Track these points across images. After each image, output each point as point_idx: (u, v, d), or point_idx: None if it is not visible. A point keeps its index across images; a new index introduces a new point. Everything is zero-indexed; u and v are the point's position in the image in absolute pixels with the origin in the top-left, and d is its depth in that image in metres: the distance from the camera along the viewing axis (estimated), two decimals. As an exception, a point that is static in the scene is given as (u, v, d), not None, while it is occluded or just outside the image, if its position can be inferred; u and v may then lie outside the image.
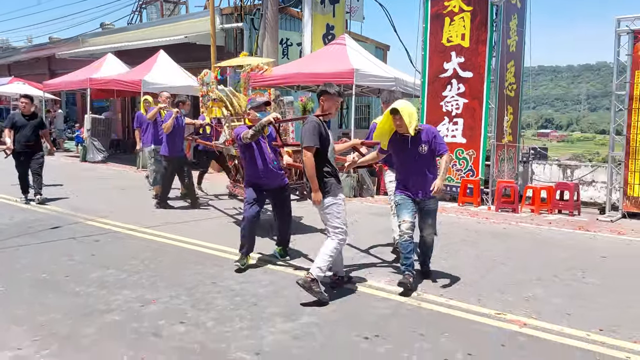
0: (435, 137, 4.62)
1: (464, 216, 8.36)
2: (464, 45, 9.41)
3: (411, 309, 4.24)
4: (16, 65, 24.12)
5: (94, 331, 3.73)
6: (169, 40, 14.57)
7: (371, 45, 17.21)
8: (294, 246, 5.91)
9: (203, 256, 5.66)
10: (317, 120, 4.45)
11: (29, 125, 8.23)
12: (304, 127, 4.47)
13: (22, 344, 3.49)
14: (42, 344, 3.49)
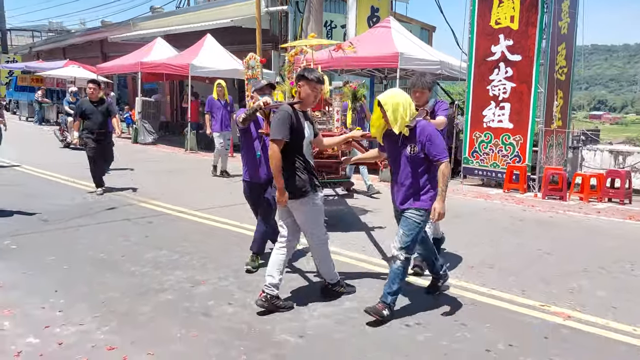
0: (430, 139, 3.71)
1: (509, 203, 8.26)
2: (512, 27, 9.17)
3: (453, 298, 4.29)
4: (70, 48, 25.04)
5: (149, 309, 3.97)
6: (215, 24, 14.80)
7: (416, 27, 16.95)
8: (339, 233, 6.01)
9: (249, 239, 5.85)
10: (288, 109, 3.94)
11: (98, 111, 7.93)
12: (273, 117, 4.05)
13: (84, 319, 3.76)
14: (102, 320, 3.75)
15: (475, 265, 5.09)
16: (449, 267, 5.01)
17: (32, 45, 30.99)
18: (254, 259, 4.93)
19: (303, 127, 3.98)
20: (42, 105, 21.55)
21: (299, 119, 3.98)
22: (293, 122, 3.91)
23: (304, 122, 4.01)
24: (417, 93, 4.60)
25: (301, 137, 3.96)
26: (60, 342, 3.43)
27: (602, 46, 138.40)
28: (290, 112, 3.93)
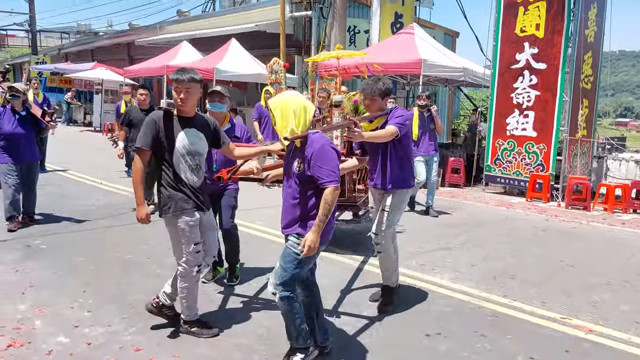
0: (318, 157, 3.00)
1: (531, 212, 8.20)
2: (538, 35, 9.11)
3: (473, 308, 4.31)
4: (98, 50, 25.53)
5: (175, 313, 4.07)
6: (240, 29, 14.96)
7: (440, 32, 16.90)
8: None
9: (271, 244, 5.93)
10: (155, 115, 3.52)
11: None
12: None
13: (112, 320, 3.88)
14: (129, 321, 3.86)
15: (497, 276, 5.09)
16: (473, 275, 5.03)
17: (61, 47, 31.66)
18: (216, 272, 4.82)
19: (174, 135, 3.47)
20: (71, 106, 22.04)
21: (170, 126, 3.48)
22: (159, 130, 3.46)
23: (179, 130, 3.49)
24: (366, 100, 4.18)
25: (170, 147, 3.47)
26: (89, 342, 3.55)
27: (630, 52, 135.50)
28: (155, 118, 3.49)
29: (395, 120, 4.00)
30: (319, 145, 3.03)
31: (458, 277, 5.01)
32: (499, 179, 9.80)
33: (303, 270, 3.20)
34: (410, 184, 4.23)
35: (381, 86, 4.07)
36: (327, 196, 2.98)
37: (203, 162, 3.64)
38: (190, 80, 3.44)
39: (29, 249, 5.47)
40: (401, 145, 4.10)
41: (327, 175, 2.99)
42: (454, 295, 4.56)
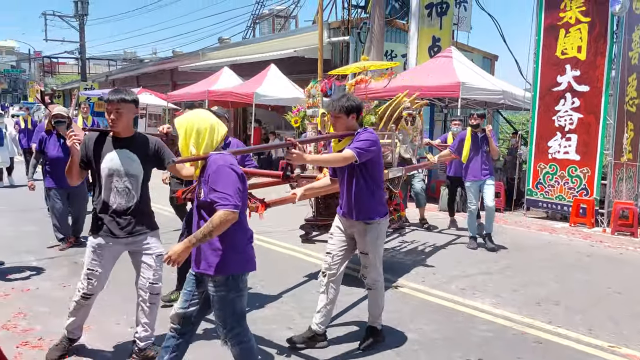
0: (214, 179, 2.74)
1: (575, 238, 7.97)
2: (580, 57, 8.98)
3: (516, 334, 4.21)
4: (143, 76, 26.49)
5: (214, 329, 4.13)
6: (279, 54, 15.30)
7: (478, 56, 16.83)
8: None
9: (307, 264, 5.96)
10: (89, 135, 3.55)
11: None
12: None
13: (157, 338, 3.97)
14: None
15: (541, 301, 4.96)
16: (515, 301, 4.92)
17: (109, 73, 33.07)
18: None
19: (102, 155, 3.43)
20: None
21: (101, 146, 3.45)
22: (87, 149, 3.46)
23: (109, 150, 3.43)
24: (332, 119, 3.81)
25: (97, 167, 3.45)
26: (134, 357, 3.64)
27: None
28: (86, 138, 3.51)
29: (355, 144, 3.56)
30: (215, 167, 2.77)
31: (500, 302, 4.91)
32: (541, 203, 9.59)
33: (238, 305, 2.91)
34: (382, 212, 3.76)
35: (344, 102, 3.67)
36: (215, 217, 2.69)
37: (136, 185, 3.48)
38: (121, 100, 3.40)
39: (76, 265, 5.66)
40: (368, 171, 3.66)
41: (220, 198, 2.70)
42: (496, 321, 4.46)
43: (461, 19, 15.33)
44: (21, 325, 4.09)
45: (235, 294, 2.88)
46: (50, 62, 44.37)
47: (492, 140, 6.77)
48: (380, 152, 3.76)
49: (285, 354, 3.78)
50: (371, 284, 3.84)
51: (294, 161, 3.34)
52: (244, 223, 2.94)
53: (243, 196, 2.85)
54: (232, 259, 2.85)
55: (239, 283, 2.89)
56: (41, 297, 4.29)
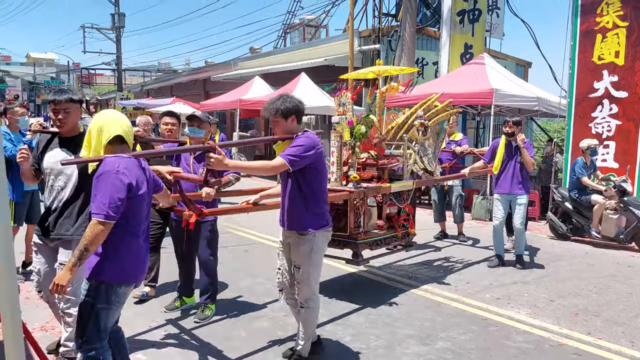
0: (96, 185, 2.69)
1: (613, 248, 7.71)
2: (617, 63, 8.74)
3: (554, 345, 4.09)
4: (177, 86, 27.04)
5: (245, 335, 4.16)
6: (309, 63, 15.41)
7: (511, 63, 16.58)
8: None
9: (338, 271, 5.94)
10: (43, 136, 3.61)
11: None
12: None
13: (187, 343, 4.01)
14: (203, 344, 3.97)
15: (580, 312, 4.81)
16: (552, 311, 4.79)
17: (143, 84, 33.88)
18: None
19: (45, 153, 3.44)
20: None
21: (47, 144, 3.48)
22: (38, 149, 3.52)
23: (52, 149, 3.45)
24: (270, 122, 3.58)
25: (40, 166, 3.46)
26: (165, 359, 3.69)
27: None
28: (40, 138, 3.60)
29: (287, 151, 3.35)
30: (101, 172, 2.69)
31: (536, 313, 4.78)
32: (578, 212, 9.32)
33: (105, 320, 2.74)
34: (318, 224, 3.49)
35: (279, 105, 3.44)
36: (87, 229, 2.59)
37: (66, 184, 3.36)
38: (68, 100, 3.36)
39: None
40: (304, 179, 3.43)
41: (95, 207, 2.61)
42: (533, 331, 4.35)
43: (494, 26, 15.16)
44: (58, 327, 4.18)
45: (102, 305, 2.71)
46: (88, 73, 45.74)
47: (525, 151, 6.19)
48: (320, 158, 3.47)
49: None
50: (302, 302, 3.55)
51: (212, 166, 3.14)
52: (134, 232, 2.79)
53: (136, 204, 2.74)
54: (108, 267, 2.71)
55: (111, 294, 2.72)
56: (78, 300, 4.39)
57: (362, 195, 4.86)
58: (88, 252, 2.59)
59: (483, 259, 6.70)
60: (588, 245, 7.82)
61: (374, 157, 5.26)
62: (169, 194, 3.37)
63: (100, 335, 2.73)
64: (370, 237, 5.12)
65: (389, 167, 5.26)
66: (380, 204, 5.32)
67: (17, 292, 1.97)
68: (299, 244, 3.49)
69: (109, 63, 38.16)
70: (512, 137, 6.30)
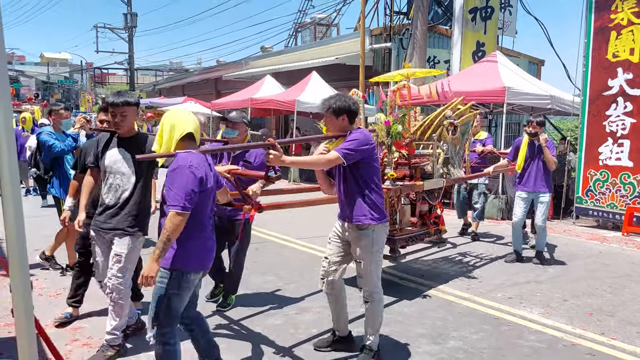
0: (170, 179, 2.85)
1: (629, 247, 7.62)
2: (632, 60, 8.62)
3: (567, 345, 4.04)
4: (188, 85, 27.19)
5: (259, 331, 4.17)
6: (320, 62, 15.40)
7: (524, 61, 16.45)
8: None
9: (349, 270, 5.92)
10: (100, 135, 3.82)
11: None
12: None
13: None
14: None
15: (594, 312, 4.75)
16: (565, 311, 4.75)
17: (156, 83, 34.12)
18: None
19: (105, 153, 3.64)
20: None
21: (107, 144, 3.67)
22: (97, 147, 3.75)
23: (110, 148, 3.64)
24: (324, 119, 3.70)
25: (100, 164, 3.68)
26: (178, 357, 3.70)
27: None
28: (98, 138, 3.81)
29: (342, 145, 3.44)
30: (175, 166, 2.86)
31: (549, 312, 4.73)
32: (591, 211, 9.23)
33: (173, 302, 2.90)
34: (376, 217, 3.54)
35: (332, 103, 3.55)
36: (167, 221, 2.76)
37: (124, 183, 3.56)
38: (125, 104, 3.54)
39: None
40: (359, 173, 3.50)
41: (172, 199, 2.78)
42: (545, 331, 4.30)
43: (506, 24, 15.04)
44: (71, 323, 4.22)
45: (173, 291, 2.88)
46: (101, 73, 46.14)
47: (547, 150, 6.28)
48: (373, 153, 3.57)
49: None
50: (367, 296, 3.63)
51: (271, 162, 3.24)
52: (202, 223, 2.96)
53: (203, 198, 2.90)
54: (179, 255, 2.88)
55: (181, 281, 2.88)
56: (91, 296, 4.41)
57: (399, 193, 5.02)
58: (170, 242, 2.77)
59: (495, 258, 6.65)
60: (603, 245, 7.74)
61: (406, 157, 5.36)
62: (227, 191, 3.53)
63: (171, 319, 2.92)
64: (405, 233, 5.30)
65: (421, 166, 5.39)
66: (414, 202, 5.51)
67: (29, 288, 1.98)
68: (359, 239, 3.55)
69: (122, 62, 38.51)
70: (535, 137, 6.35)
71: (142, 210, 3.62)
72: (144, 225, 3.68)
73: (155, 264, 2.75)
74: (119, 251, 3.53)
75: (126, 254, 3.55)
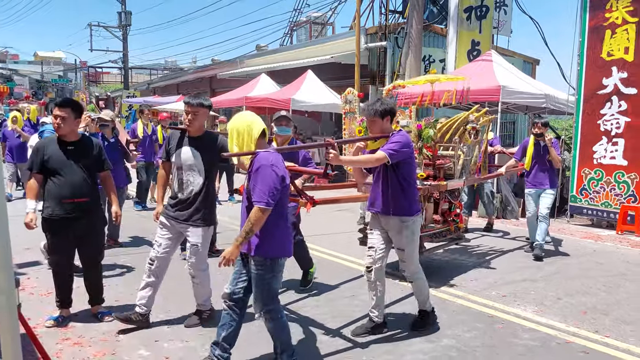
0: (255, 177, 3.15)
1: (623, 246, 7.62)
2: (627, 59, 8.63)
3: (561, 343, 4.02)
4: (183, 84, 27.10)
5: (253, 331, 4.12)
6: (315, 61, 15.35)
7: (519, 60, 16.43)
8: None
9: (342, 268, 5.90)
10: (173, 132, 4.18)
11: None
12: None
13: (191, 336, 4.00)
14: (206, 338, 3.93)
15: (588, 311, 4.74)
16: (559, 309, 4.73)
17: (150, 82, 33.96)
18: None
19: (174, 150, 4.05)
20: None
21: (179, 142, 4.04)
22: (169, 143, 4.13)
23: (182, 146, 4.02)
24: (367, 122, 4.09)
25: (172, 160, 4.09)
26: (168, 356, 3.67)
27: None
28: (170, 135, 4.20)
29: (387, 146, 3.84)
30: (258, 165, 3.17)
31: (543, 311, 4.72)
32: (586, 210, 9.23)
33: (272, 286, 3.31)
34: (415, 210, 4.00)
35: (379, 107, 3.93)
36: (252, 214, 3.11)
37: (195, 178, 3.99)
38: (199, 105, 3.92)
39: (114, 266, 5.77)
40: (400, 171, 3.91)
41: (257, 195, 3.11)
42: (539, 329, 4.29)
43: (501, 23, 15.04)
44: (62, 322, 4.17)
45: (269, 275, 3.26)
46: (95, 71, 45.95)
47: (552, 149, 6.67)
48: (412, 153, 3.99)
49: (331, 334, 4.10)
50: (411, 277, 4.10)
51: (331, 161, 3.57)
52: (285, 215, 3.33)
53: (284, 192, 3.22)
54: (269, 244, 3.24)
55: (275, 266, 3.27)
56: (81, 296, 4.37)
57: (427, 192, 5.39)
58: (252, 233, 3.13)
59: (489, 257, 6.64)
60: (597, 243, 7.74)
61: (430, 158, 5.63)
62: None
63: (272, 298, 3.33)
64: (429, 230, 5.67)
65: (445, 167, 5.74)
66: (437, 200, 5.83)
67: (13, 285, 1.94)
68: (401, 229, 3.95)
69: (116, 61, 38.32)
70: (541, 137, 6.73)
71: (211, 203, 4.09)
72: (212, 216, 4.12)
73: (237, 250, 3.13)
74: (194, 241, 4.01)
75: (201, 243, 4.02)
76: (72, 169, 4.05)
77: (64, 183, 4.01)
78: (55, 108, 4.08)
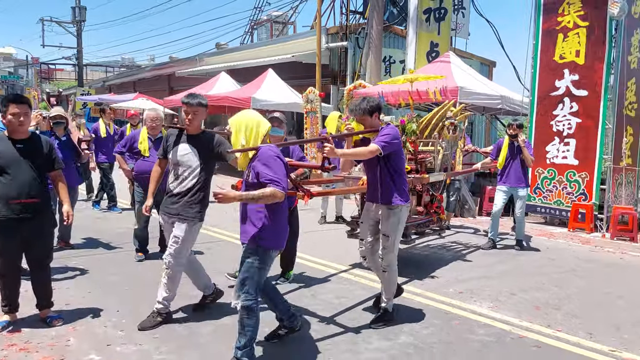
0: (263, 161, 3.29)
1: (574, 243, 7.88)
2: (578, 62, 8.94)
3: (515, 338, 4.11)
4: (140, 82, 26.48)
5: (209, 332, 4.04)
6: (277, 59, 15.26)
7: (476, 62, 16.82)
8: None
9: (304, 268, 5.87)
10: (172, 131, 4.32)
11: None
12: None
13: (144, 339, 3.87)
14: (161, 341, 3.84)
15: (540, 306, 4.87)
16: (513, 305, 4.83)
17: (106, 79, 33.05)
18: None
19: (172, 147, 4.18)
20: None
21: (177, 140, 4.18)
22: (167, 141, 4.27)
23: (180, 143, 4.15)
24: (357, 120, 4.28)
25: (168, 157, 4.24)
26: (121, 360, 3.54)
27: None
28: (169, 133, 4.34)
29: (379, 139, 4.05)
30: (267, 156, 3.32)
31: (498, 306, 4.81)
32: (539, 208, 9.51)
33: (260, 275, 3.40)
34: (404, 199, 4.20)
35: (365, 105, 4.13)
36: (268, 189, 3.19)
37: (191, 175, 4.10)
38: (198, 104, 4.04)
39: (65, 269, 5.56)
40: (390, 162, 4.14)
41: (274, 181, 3.22)
42: (494, 324, 4.37)
43: (459, 25, 15.33)
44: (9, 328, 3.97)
45: (259, 265, 3.36)
46: (48, 68, 44.32)
47: (525, 149, 7.06)
48: (400, 145, 4.24)
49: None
50: (386, 267, 4.23)
51: (327, 154, 3.74)
52: (284, 208, 3.46)
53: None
54: (266, 236, 3.36)
55: (266, 257, 3.38)
56: (29, 300, 4.18)
57: (410, 184, 5.49)
58: (256, 202, 3.22)
59: (448, 254, 6.73)
60: (550, 240, 7.97)
61: (412, 152, 5.81)
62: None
63: (255, 288, 3.38)
64: (414, 221, 5.88)
65: (427, 161, 5.95)
66: (420, 193, 6.11)
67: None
68: (389, 216, 4.15)
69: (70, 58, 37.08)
70: (515, 138, 7.12)
71: (202, 200, 4.13)
72: (202, 213, 4.15)
73: (234, 199, 3.14)
74: (177, 234, 4.06)
75: (183, 237, 4.04)
76: (21, 168, 3.86)
77: (12, 183, 3.82)
78: (12, 105, 3.86)
